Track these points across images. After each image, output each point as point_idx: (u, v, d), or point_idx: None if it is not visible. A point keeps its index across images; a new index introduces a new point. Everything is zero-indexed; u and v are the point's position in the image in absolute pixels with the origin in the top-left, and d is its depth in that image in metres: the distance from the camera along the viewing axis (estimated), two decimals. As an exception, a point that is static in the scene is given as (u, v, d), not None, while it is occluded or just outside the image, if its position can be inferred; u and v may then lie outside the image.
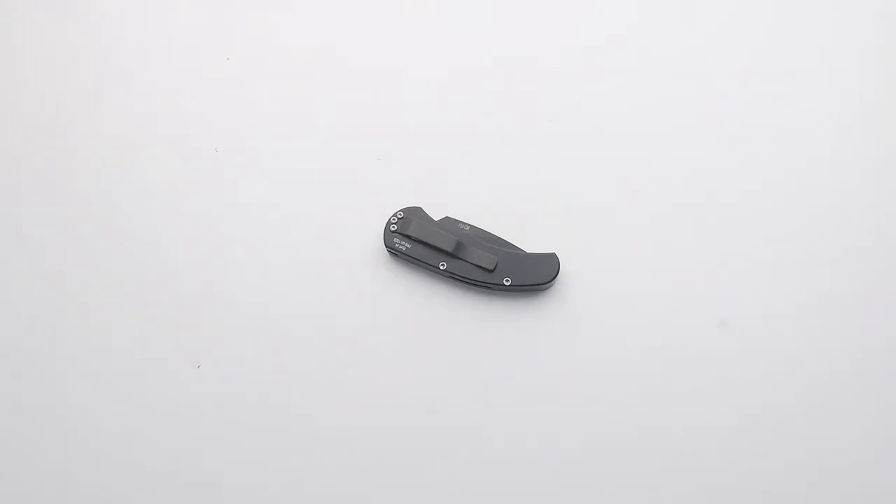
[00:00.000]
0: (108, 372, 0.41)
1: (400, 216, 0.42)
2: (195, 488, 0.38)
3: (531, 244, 0.42)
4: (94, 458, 0.39)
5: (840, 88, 0.48)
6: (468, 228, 0.42)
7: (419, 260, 0.41)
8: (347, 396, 0.40)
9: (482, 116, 0.47)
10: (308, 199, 0.45)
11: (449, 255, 0.40)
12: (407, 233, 0.41)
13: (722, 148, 0.46)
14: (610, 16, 0.50)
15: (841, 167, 0.45)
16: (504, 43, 0.50)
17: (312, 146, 0.47)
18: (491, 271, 0.40)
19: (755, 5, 0.50)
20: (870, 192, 0.44)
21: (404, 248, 0.41)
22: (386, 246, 0.41)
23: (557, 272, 0.40)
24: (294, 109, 0.48)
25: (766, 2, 0.51)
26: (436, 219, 0.42)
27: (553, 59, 0.49)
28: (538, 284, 0.40)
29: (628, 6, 0.51)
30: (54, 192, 0.46)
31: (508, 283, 0.40)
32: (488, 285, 0.40)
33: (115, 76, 0.50)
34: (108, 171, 0.46)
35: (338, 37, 0.50)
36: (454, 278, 0.41)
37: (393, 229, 0.41)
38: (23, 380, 0.41)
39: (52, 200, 0.46)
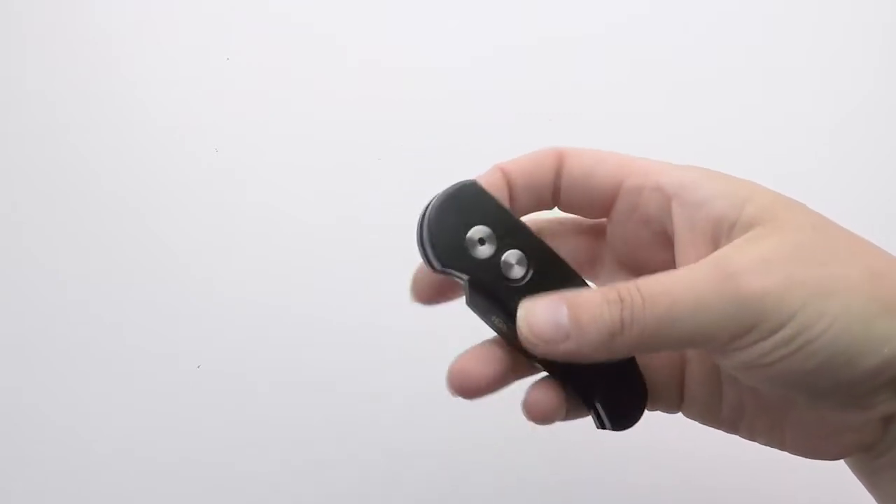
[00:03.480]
0: (109, 371, 0.41)
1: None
2: (195, 487, 0.38)
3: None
4: (94, 458, 0.39)
5: (838, 89, 0.47)
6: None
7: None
8: (348, 396, 0.40)
9: (484, 116, 0.47)
10: (309, 199, 0.45)
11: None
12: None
13: (729, 149, 0.46)
14: (611, 14, 0.50)
15: (841, 168, 0.45)
16: (505, 40, 0.50)
17: (313, 146, 0.47)
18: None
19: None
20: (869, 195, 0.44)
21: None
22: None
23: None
24: (294, 109, 0.48)
25: None
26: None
27: (555, 57, 0.49)
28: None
29: (630, 4, 0.51)
30: (54, 192, 0.46)
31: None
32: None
33: (114, 76, 0.49)
34: (108, 170, 0.46)
35: (338, 36, 0.50)
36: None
37: None
38: (23, 379, 0.41)
39: (52, 201, 0.46)
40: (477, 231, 0.22)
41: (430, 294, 0.25)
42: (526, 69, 0.49)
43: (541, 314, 0.21)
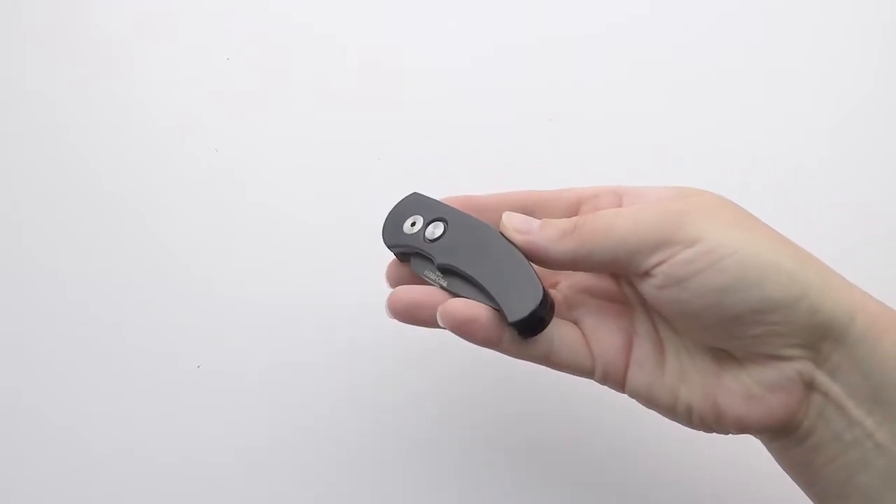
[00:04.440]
0: (109, 371, 0.41)
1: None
2: (195, 487, 0.38)
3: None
4: (94, 458, 0.39)
5: (838, 87, 0.47)
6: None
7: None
8: (348, 396, 0.40)
9: (484, 116, 0.47)
10: (308, 199, 0.45)
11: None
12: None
13: (729, 149, 0.46)
14: (611, 14, 0.50)
15: (842, 167, 0.45)
16: (505, 40, 0.50)
17: (313, 146, 0.47)
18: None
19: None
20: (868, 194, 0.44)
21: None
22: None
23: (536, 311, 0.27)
24: (294, 109, 0.48)
25: None
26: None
27: (555, 57, 0.49)
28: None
29: (630, 4, 0.51)
30: (54, 192, 0.46)
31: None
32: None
33: (114, 76, 0.50)
34: (108, 170, 0.46)
35: (338, 36, 0.50)
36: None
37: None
38: (23, 379, 0.41)
39: (52, 201, 0.46)
40: (411, 218, 0.32)
41: (395, 277, 0.33)
42: (526, 69, 0.49)
43: (517, 215, 0.29)
